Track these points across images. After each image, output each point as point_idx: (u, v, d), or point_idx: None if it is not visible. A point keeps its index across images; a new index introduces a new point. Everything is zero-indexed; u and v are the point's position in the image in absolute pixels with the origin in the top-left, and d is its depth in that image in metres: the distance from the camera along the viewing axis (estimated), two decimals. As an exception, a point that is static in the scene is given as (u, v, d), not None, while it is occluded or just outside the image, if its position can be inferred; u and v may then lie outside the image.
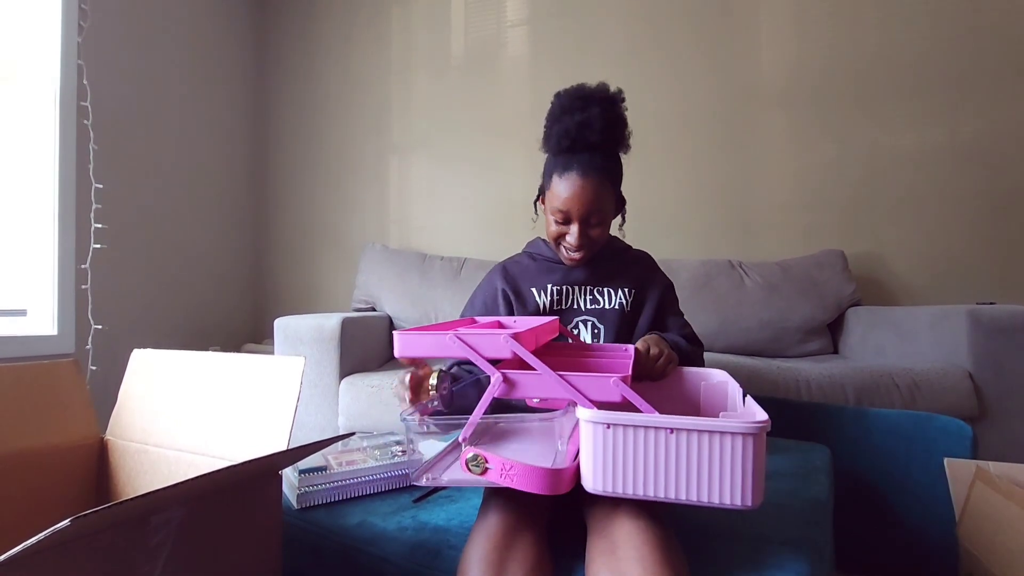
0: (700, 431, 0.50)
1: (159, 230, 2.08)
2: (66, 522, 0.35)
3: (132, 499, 0.40)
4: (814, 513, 0.75)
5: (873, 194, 1.91)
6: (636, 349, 0.80)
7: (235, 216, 2.48)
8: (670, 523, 0.60)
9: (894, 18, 1.89)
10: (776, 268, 1.86)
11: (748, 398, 0.66)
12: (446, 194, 2.36)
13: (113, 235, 1.85)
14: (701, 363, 0.98)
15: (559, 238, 0.95)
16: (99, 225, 1.79)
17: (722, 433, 0.50)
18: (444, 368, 0.82)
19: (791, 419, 1.23)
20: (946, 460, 1.05)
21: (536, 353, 0.61)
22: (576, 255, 0.95)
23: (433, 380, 0.74)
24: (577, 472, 0.56)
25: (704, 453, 0.50)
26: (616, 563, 0.53)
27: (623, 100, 0.92)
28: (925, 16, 1.87)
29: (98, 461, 0.77)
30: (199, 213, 2.27)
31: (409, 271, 2.07)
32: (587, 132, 0.88)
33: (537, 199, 1.03)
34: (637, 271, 1.02)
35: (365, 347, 1.74)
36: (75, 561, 0.41)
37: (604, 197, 0.91)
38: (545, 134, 0.94)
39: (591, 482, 0.54)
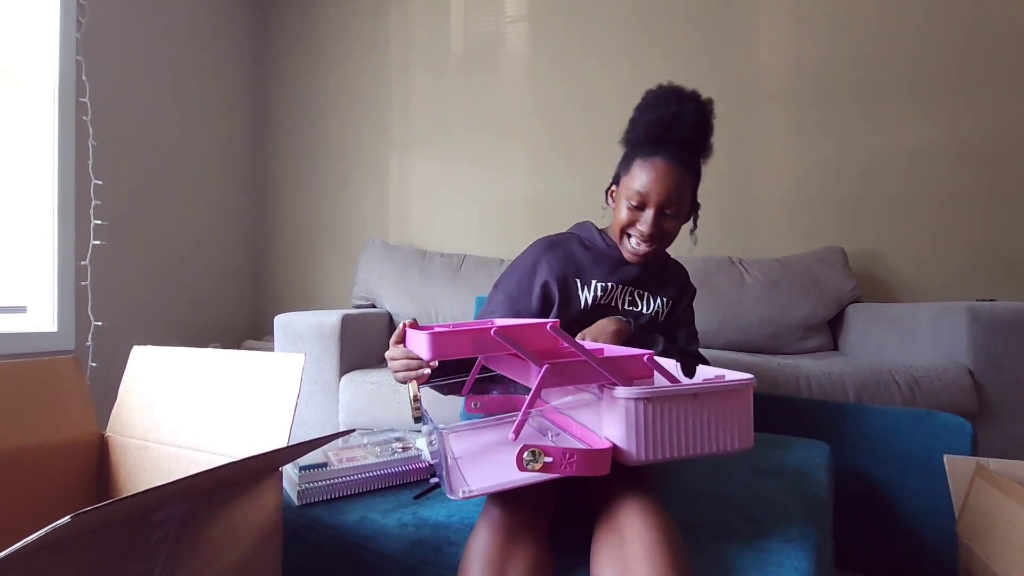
0: (714, 392, 0.57)
1: (159, 226, 2.07)
2: (66, 519, 0.35)
3: (132, 496, 0.40)
4: (814, 510, 0.75)
5: (873, 191, 1.91)
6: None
7: (235, 213, 2.48)
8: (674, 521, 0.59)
9: (892, 15, 1.88)
10: (776, 265, 1.85)
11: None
12: (446, 190, 2.35)
13: (113, 231, 1.85)
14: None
15: (629, 226, 0.91)
16: (99, 221, 1.79)
17: (729, 391, 0.57)
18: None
19: (791, 416, 1.24)
20: (946, 457, 1.05)
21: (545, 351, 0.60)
22: (643, 247, 0.91)
23: (413, 389, 0.74)
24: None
25: (717, 409, 0.57)
26: (624, 559, 0.53)
27: (712, 109, 0.91)
28: (923, 13, 1.86)
29: (98, 458, 0.77)
30: (199, 209, 2.27)
31: (409, 268, 2.07)
32: (679, 125, 0.88)
33: (609, 188, 0.98)
34: (676, 284, 1.02)
35: (365, 344, 1.74)
36: (75, 558, 0.41)
37: (683, 190, 0.88)
38: (631, 125, 0.93)
39: (635, 454, 0.55)
